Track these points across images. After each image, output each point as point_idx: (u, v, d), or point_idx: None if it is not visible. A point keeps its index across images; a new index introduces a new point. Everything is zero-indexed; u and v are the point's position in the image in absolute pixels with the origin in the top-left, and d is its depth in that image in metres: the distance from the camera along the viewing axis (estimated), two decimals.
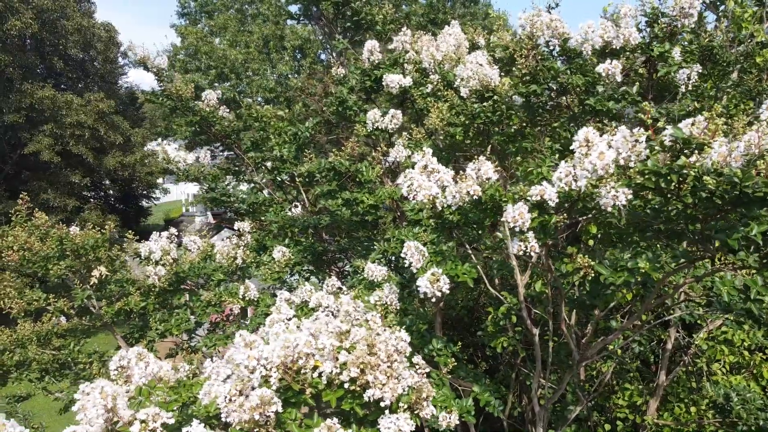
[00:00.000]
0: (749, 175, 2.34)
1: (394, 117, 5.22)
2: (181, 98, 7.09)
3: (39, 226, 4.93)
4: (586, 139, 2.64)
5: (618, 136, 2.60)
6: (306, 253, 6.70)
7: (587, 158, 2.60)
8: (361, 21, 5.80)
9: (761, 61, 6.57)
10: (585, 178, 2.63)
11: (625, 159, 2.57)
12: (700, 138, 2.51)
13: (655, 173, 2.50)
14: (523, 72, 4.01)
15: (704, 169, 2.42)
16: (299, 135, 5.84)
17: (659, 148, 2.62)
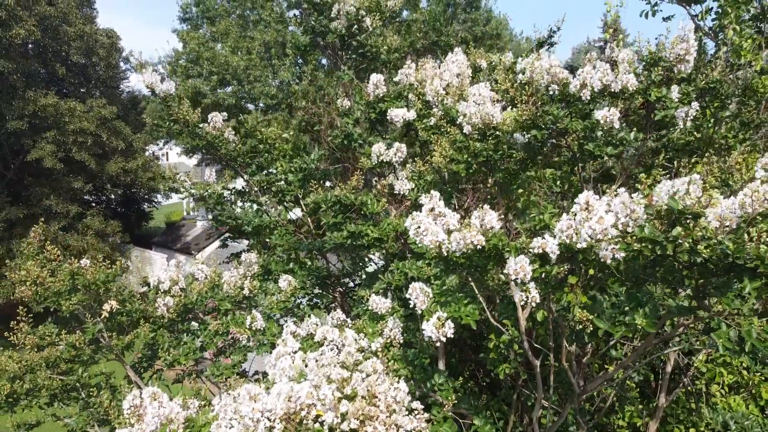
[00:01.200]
0: (741, 248, 2.44)
1: (398, 150, 5.32)
2: (188, 123, 7.20)
3: (51, 260, 5.03)
4: (586, 202, 2.74)
5: (617, 201, 2.71)
6: (311, 277, 6.81)
7: (587, 222, 2.70)
8: (366, 53, 5.90)
9: (761, 89, 6.67)
10: (585, 241, 2.73)
11: (623, 224, 2.68)
12: (694, 208, 2.61)
13: (652, 241, 2.60)
14: (524, 118, 4.12)
15: (698, 238, 2.53)
16: (305, 167, 5.95)
17: (655, 216, 2.72)
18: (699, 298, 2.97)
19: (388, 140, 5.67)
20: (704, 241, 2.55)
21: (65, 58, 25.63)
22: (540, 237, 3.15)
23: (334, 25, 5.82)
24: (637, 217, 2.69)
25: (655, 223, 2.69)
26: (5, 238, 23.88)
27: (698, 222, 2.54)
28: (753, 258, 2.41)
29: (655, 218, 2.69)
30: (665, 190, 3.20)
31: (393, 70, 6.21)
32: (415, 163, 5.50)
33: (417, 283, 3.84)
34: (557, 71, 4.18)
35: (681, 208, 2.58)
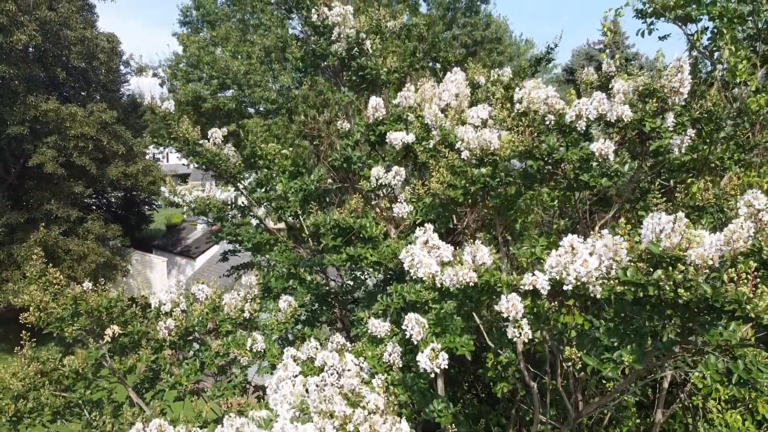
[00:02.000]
0: (718, 292, 2.51)
1: (397, 174, 5.38)
2: (188, 141, 7.26)
3: (53, 283, 5.10)
4: (571, 245, 2.81)
5: (599, 245, 2.77)
6: (311, 294, 6.87)
7: (572, 265, 2.77)
8: (366, 75, 5.96)
9: (755, 107, 6.73)
10: (570, 283, 2.80)
11: (607, 267, 2.75)
12: (674, 252, 2.67)
13: (634, 284, 2.67)
14: (521, 149, 4.18)
15: (679, 282, 2.59)
16: (305, 187, 6.01)
17: (637, 258, 2.78)
18: (684, 334, 3.03)
19: (387, 163, 5.73)
20: (685, 283, 2.62)
21: (66, 62, 25.68)
22: (530, 273, 3.21)
23: (334, 48, 5.88)
24: (620, 260, 2.75)
25: (638, 265, 2.76)
26: (6, 242, 23.93)
27: (678, 266, 2.60)
28: (731, 302, 2.48)
29: (638, 261, 2.76)
30: (650, 228, 3.27)
31: (392, 91, 6.27)
32: (414, 185, 5.56)
33: (413, 314, 3.91)
34: (553, 102, 4.24)
35: (660, 251, 2.64)
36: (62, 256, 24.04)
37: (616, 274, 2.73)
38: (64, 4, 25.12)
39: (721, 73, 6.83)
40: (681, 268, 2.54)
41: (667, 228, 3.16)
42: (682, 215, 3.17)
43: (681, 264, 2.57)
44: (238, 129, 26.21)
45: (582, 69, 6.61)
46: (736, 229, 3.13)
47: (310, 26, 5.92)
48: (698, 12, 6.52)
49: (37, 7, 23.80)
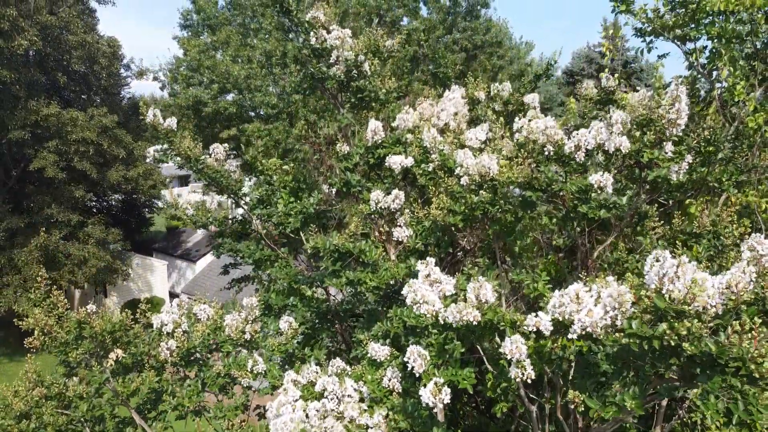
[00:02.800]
0: (723, 350, 2.55)
1: (396, 198, 5.42)
2: (189, 158, 7.30)
3: (56, 305, 5.14)
4: (576, 295, 2.85)
5: (605, 294, 2.81)
6: (311, 312, 6.91)
7: (577, 315, 2.81)
8: (364, 98, 6.00)
9: (754, 126, 6.78)
10: (575, 332, 2.84)
11: (612, 317, 2.79)
12: (679, 306, 2.71)
13: (639, 337, 2.71)
14: (520, 180, 4.22)
15: (683, 336, 2.63)
16: (305, 210, 6.05)
17: (642, 310, 2.82)
18: (686, 379, 3.08)
19: (386, 185, 5.78)
20: (689, 336, 2.66)
21: (66, 66, 25.75)
22: (533, 314, 3.26)
23: (333, 72, 5.92)
24: (625, 310, 2.79)
25: (642, 316, 2.79)
26: (6, 247, 24.00)
27: (683, 322, 2.64)
28: (735, 359, 2.52)
29: (642, 312, 2.80)
30: (655, 272, 3.31)
31: (391, 112, 6.31)
32: (413, 208, 5.60)
33: (414, 347, 3.95)
34: (552, 133, 4.29)
35: (665, 306, 2.68)
36: (63, 261, 24.10)
37: (621, 324, 2.77)
38: (65, 9, 25.17)
39: (719, 91, 6.87)
40: (686, 324, 2.58)
41: (670, 272, 3.20)
42: (686, 260, 3.21)
43: (686, 320, 2.61)
44: (239, 133, 26.25)
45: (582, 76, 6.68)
46: (738, 275, 3.18)
47: (308, 49, 5.96)
48: (697, 33, 6.56)
49: (38, 12, 23.85)
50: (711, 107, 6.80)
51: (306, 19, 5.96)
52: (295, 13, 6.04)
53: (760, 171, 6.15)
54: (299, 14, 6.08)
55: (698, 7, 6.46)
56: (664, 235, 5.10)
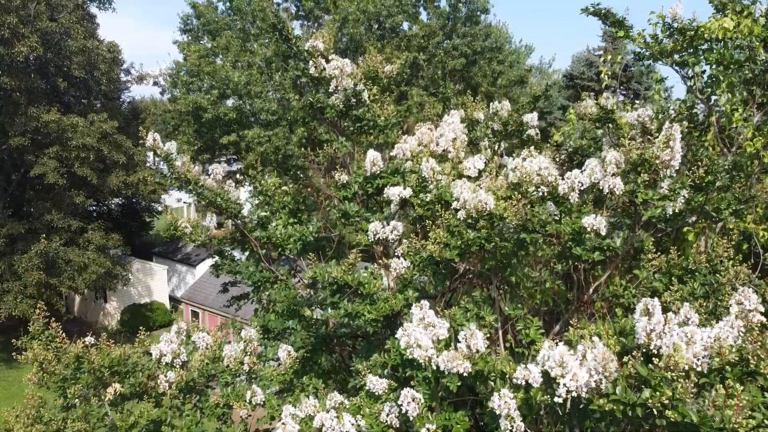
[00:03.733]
0: (705, 420, 2.58)
1: (395, 229, 5.46)
2: (188, 180, 7.33)
3: (55, 337, 5.17)
4: (561, 359, 2.88)
5: (590, 357, 2.84)
6: (310, 337, 6.95)
7: (563, 379, 2.85)
8: (364, 126, 6.03)
9: (752, 150, 6.80)
10: (561, 396, 2.87)
11: (597, 381, 2.82)
12: (662, 373, 2.74)
13: (623, 403, 2.74)
14: (515, 222, 4.25)
15: (666, 403, 2.66)
16: (304, 238, 6.08)
17: (626, 375, 2.85)
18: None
19: (385, 215, 5.80)
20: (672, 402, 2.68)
21: (67, 72, 25.77)
22: (523, 366, 3.29)
23: (332, 101, 5.95)
24: (609, 374, 2.82)
25: (626, 381, 2.82)
26: (6, 253, 24.04)
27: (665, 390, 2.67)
28: (718, 429, 2.55)
29: (626, 377, 2.83)
30: (642, 327, 3.34)
31: (387, 138, 6.34)
32: (411, 239, 5.62)
33: (408, 391, 3.98)
34: (546, 174, 4.31)
35: (647, 373, 2.71)
36: (63, 267, 24.15)
37: (606, 389, 2.80)
38: (65, 15, 25.21)
39: (717, 116, 6.89)
40: (668, 393, 2.61)
41: (657, 329, 3.23)
42: (672, 316, 3.24)
43: (668, 388, 2.64)
44: (239, 139, 26.30)
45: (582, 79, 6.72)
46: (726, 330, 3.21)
47: (308, 78, 5.99)
48: (695, 59, 6.58)
49: (38, 18, 23.88)
50: (709, 133, 6.81)
51: (305, 48, 5.99)
52: (294, 42, 6.06)
53: (759, 200, 6.17)
54: (299, 42, 6.11)
55: (696, 34, 6.48)
56: (661, 268, 5.12)
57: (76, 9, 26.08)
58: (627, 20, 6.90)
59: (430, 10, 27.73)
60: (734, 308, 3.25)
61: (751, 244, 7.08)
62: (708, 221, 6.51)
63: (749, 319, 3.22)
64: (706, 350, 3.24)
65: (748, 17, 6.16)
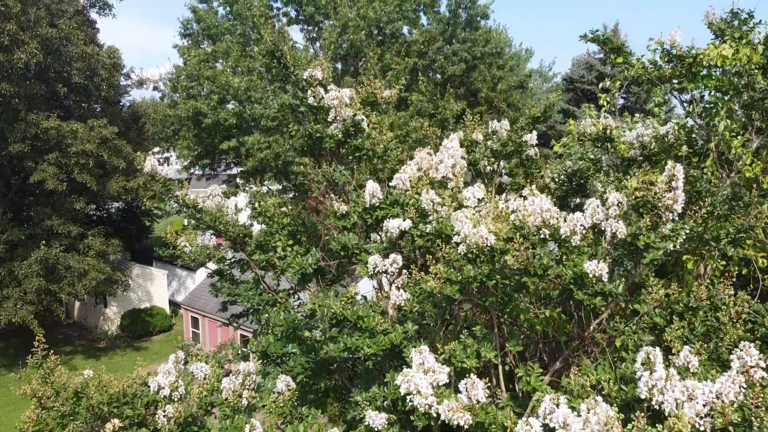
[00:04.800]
0: None
1: (394, 261, 5.44)
2: (187, 205, 7.32)
3: (52, 369, 5.16)
4: (564, 421, 2.86)
5: (593, 420, 2.83)
6: (310, 362, 6.93)
7: None
8: (362, 156, 6.02)
9: (750, 175, 6.78)
10: None
11: None
12: None
13: None
14: (516, 266, 4.23)
15: None
16: (303, 271, 6.06)
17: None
18: None
19: (384, 246, 5.78)
20: None
21: (67, 78, 25.73)
22: (524, 421, 3.28)
23: (330, 131, 5.93)
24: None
25: None
26: (7, 259, 24.01)
27: None
28: None
29: None
30: (644, 383, 3.33)
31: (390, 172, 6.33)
32: (411, 270, 5.61)
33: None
34: (547, 216, 4.29)
35: None
36: (63, 273, 24.13)
37: None
38: (65, 21, 25.17)
39: (716, 142, 6.87)
40: None
41: (659, 384, 3.22)
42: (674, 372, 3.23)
43: None
44: (239, 145, 26.22)
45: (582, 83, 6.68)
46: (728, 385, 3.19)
47: (306, 107, 5.96)
48: (694, 86, 6.56)
49: (38, 24, 23.83)
50: (708, 159, 6.80)
51: (304, 77, 5.97)
52: (293, 70, 6.04)
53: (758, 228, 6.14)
54: (297, 71, 6.08)
55: (695, 61, 6.46)
56: (661, 303, 5.11)
57: (76, 15, 26.04)
58: (626, 46, 6.88)
59: (430, 16, 27.65)
60: (735, 363, 3.24)
61: (750, 269, 7.07)
62: (707, 248, 6.49)
63: (750, 374, 3.20)
64: (707, 405, 3.23)
65: (747, 46, 6.14)
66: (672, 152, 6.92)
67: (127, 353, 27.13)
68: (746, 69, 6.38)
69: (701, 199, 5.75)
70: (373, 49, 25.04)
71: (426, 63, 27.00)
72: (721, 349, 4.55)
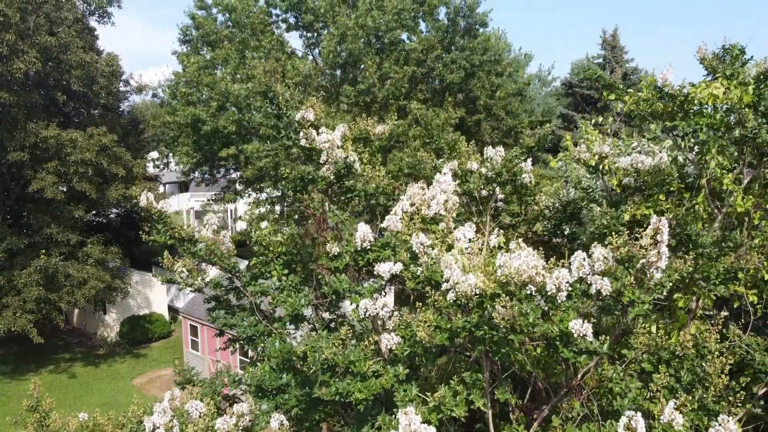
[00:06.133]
0: None
1: (385, 305, 5.50)
2: (183, 238, 7.38)
3: (47, 413, 5.23)
4: None
5: None
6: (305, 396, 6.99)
7: None
8: (354, 196, 6.08)
9: (742, 210, 6.84)
10: None
11: None
12: None
13: None
14: (503, 326, 4.29)
15: None
16: (296, 313, 6.12)
17: None
18: None
19: (375, 287, 5.84)
20: None
21: (66, 86, 25.77)
22: None
23: (322, 173, 5.99)
24: None
25: None
26: (6, 267, 24.08)
27: None
28: None
29: None
30: None
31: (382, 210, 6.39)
32: (402, 314, 5.67)
33: None
34: (533, 274, 4.35)
35: None
36: (62, 282, 24.20)
37: None
38: (65, 29, 25.18)
39: (708, 176, 6.92)
40: None
41: None
42: None
43: None
44: (238, 152, 26.29)
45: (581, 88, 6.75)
46: None
47: (299, 149, 6.03)
48: (687, 125, 6.61)
49: (38, 32, 23.86)
50: (700, 195, 6.85)
51: (296, 118, 6.03)
52: (285, 111, 6.10)
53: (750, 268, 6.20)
54: (290, 111, 6.14)
55: (687, 99, 6.51)
56: (649, 348, 5.17)
57: (76, 23, 26.06)
58: (617, 83, 6.94)
59: (429, 23, 27.67)
60: None
61: (741, 302, 7.12)
62: (698, 288, 6.54)
63: None
64: None
65: (738, 87, 6.19)
66: (664, 187, 6.97)
67: (126, 360, 27.22)
68: (737, 108, 6.43)
69: (691, 241, 5.81)
70: (371, 57, 25.09)
71: (425, 71, 27.04)
72: (707, 400, 4.61)
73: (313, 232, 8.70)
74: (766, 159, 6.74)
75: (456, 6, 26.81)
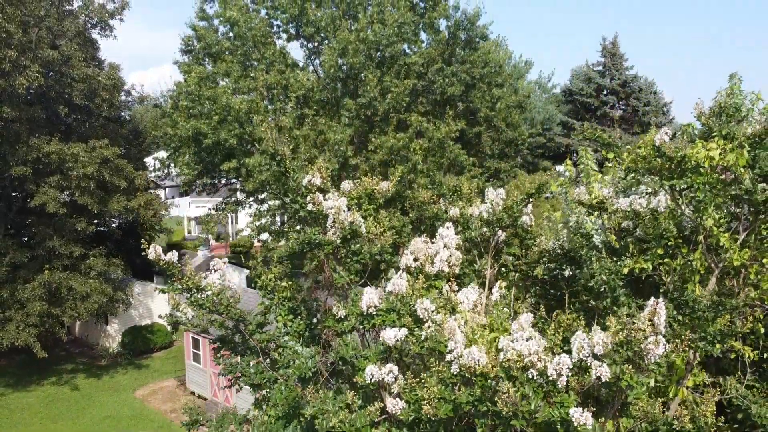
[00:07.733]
0: None
1: (391, 371, 5.64)
2: (190, 288, 7.52)
3: None
4: None
5: None
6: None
7: None
8: (360, 260, 6.23)
9: (738, 264, 6.99)
10: None
11: None
12: None
13: None
14: (505, 412, 4.44)
15: None
16: (302, 375, 6.26)
17: None
18: None
19: (381, 350, 5.98)
20: None
21: (68, 99, 25.91)
22: None
23: (328, 237, 6.14)
24: None
25: None
26: (9, 281, 24.24)
27: None
28: None
29: None
30: None
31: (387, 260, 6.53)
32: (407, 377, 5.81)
33: None
34: (534, 359, 4.50)
35: None
36: (65, 295, 24.37)
37: None
38: (66, 42, 25.31)
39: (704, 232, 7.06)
40: None
41: None
42: None
43: None
44: (240, 166, 26.42)
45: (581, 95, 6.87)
46: None
47: (305, 213, 6.17)
48: (683, 182, 6.74)
49: (39, 45, 23.97)
50: (697, 251, 6.99)
51: (303, 183, 6.17)
52: (291, 175, 6.25)
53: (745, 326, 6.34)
54: (296, 175, 6.29)
55: (683, 160, 6.65)
56: (647, 416, 5.32)
57: (77, 36, 26.19)
58: (617, 144, 7.10)
59: (429, 35, 27.80)
60: None
61: (738, 353, 7.27)
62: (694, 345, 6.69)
63: None
64: None
65: (733, 151, 6.34)
66: (662, 241, 7.12)
67: (128, 371, 27.40)
68: (734, 169, 6.58)
69: (688, 306, 5.96)
70: (372, 71, 25.19)
71: (425, 84, 27.17)
72: None
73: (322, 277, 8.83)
74: (762, 216, 6.89)
75: (457, 20, 26.94)
